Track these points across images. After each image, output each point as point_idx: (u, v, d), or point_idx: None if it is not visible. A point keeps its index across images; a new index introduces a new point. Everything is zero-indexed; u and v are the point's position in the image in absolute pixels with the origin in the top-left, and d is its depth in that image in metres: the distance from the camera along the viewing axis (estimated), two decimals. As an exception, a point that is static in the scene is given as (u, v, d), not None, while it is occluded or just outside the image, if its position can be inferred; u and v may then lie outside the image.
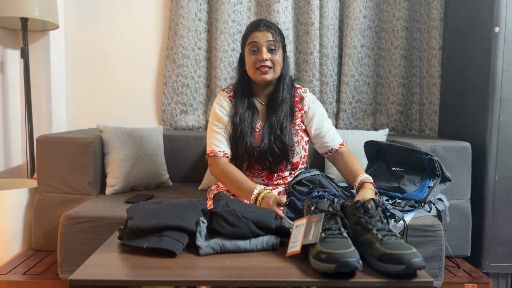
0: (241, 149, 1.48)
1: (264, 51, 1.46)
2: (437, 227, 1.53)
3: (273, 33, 1.48)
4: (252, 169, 1.53)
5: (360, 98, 2.54)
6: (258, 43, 1.47)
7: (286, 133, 1.49)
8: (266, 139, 1.49)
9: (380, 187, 1.70)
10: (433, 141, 1.95)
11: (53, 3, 2.19)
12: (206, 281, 0.87)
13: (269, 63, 1.47)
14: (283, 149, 1.48)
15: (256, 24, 1.50)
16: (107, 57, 2.54)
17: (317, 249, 0.89)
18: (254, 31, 1.49)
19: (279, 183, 1.57)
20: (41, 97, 2.42)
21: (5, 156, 2.36)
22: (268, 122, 1.51)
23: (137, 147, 2.01)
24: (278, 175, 1.55)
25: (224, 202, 1.13)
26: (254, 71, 1.49)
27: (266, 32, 1.47)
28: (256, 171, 1.54)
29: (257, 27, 1.49)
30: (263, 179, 1.56)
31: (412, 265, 0.83)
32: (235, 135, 1.50)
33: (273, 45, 1.47)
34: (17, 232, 1.90)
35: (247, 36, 1.51)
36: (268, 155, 1.48)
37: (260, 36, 1.47)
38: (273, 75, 1.50)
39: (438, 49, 2.42)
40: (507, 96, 1.85)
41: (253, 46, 1.48)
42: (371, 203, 1.01)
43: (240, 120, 1.50)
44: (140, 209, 1.08)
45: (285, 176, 1.57)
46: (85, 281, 0.85)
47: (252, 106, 1.55)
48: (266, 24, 1.49)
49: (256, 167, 1.52)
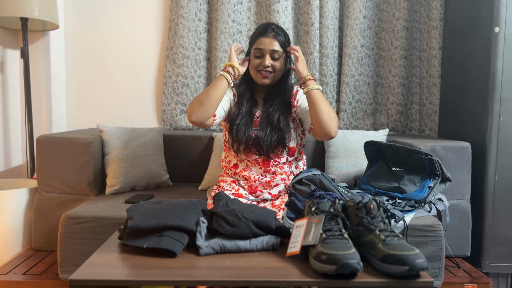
0: (240, 133, 1.56)
1: (267, 58, 1.54)
2: (437, 227, 1.53)
3: (279, 43, 1.54)
4: (249, 152, 1.59)
5: (360, 98, 2.54)
6: (263, 50, 1.54)
7: (283, 121, 1.57)
8: (264, 125, 1.57)
9: (380, 187, 1.70)
10: (433, 141, 1.95)
11: (53, 3, 2.19)
12: (206, 281, 0.87)
13: (271, 69, 1.56)
14: (279, 135, 1.55)
15: (265, 29, 1.56)
16: (107, 57, 2.54)
17: (318, 250, 0.89)
18: (262, 36, 1.55)
19: (276, 171, 1.59)
20: (41, 97, 2.42)
21: (5, 156, 2.36)
22: (265, 111, 1.60)
23: (137, 147, 2.01)
24: (274, 161, 1.60)
25: (224, 202, 1.13)
26: (255, 73, 1.58)
27: (273, 40, 1.54)
28: (253, 155, 1.59)
29: (264, 33, 1.55)
30: (260, 166, 1.60)
31: (416, 266, 0.83)
32: (235, 120, 1.58)
33: (277, 54, 1.55)
34: (17, 232, 1.90)
35: (255, 40, 1.57)
36: (265, 139, 1.55)
37: (266, 43, 1.54)
38: (273, 80, 1.59)
39: (438, 49, 2.42)
40: (507, 96, 1.85)
41: (258, 52, 1.55)
42: (373, 204, 1.01)
43: (241, 107, 1.60)
44: (140, 209, 1.08)
45: (281, 162, 1.61)
46: (85, 281, 0.85)
47: (253, 98, 1.65)
48: (274, 30, 1.55)
49: (253, 150, 1.58)
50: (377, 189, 1.71)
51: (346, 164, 2.04)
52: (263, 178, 1.60)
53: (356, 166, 2.03)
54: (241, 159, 1.63)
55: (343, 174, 2.03)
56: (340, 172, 2.04)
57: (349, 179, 2.01)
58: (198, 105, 1.46)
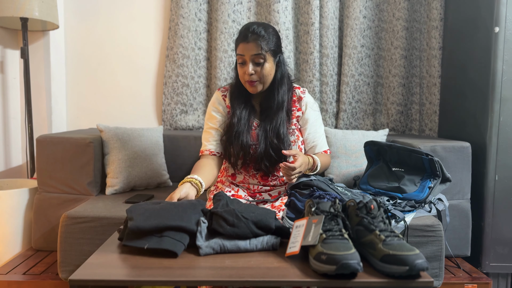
0: (237, 147, 1.48)
1: (250, 65, 1.43)
2: (437, 227, 1.53)
3: (260, 45, 1.41)
4: (247, 167, 1.54)
5: (360, 98, 2.54)
6: (244, 57, 1.44)
7: (283, 138, 1.49)
8: (263, 143, 1.48)
9: (380, 187, 1.70)
10: (433, 141, 1.95)
11: (53, 3, 2.19)
12: (206, 281, 0.87)
13: (255, 77, 1.44)
14: (279, 155, 1.47)
15: (244, 34, 1.43)
16: (107, 57, 2.54)
17: (318, 250, 0.89)
18: (241, 41, 1.44)
19: (275, 184, 1.57)
20: (41, 97, 2.42)
21: (5, 156, 2.36)
22: (263, 127, 1.50)
23: (137, 147, 2.01)
24: (273, 175, 1.56)
25: (224, 202, 1.13)
26: (244, 82, 1.49)
27: (253, 43, 1.41)
28: (251, 171, 1.55)
29: (244, 38, 1.42)
30: (259, 180, 1.56)
31: (416, 267, 0.83)
32: (231, 133, 1.49)
33: (259, 58, 1.42)
34: (17, 232, 1.90)
35: (236, 45, 1.47)
36: (264, 159, 1.48)
37: (246, 49, 1.42)
38: (262, 86, 1.49)
39: (438, 49, 2.42)
40: (507, 96, 1.85)
41: (240, 58, 1.45)
42: (373, 204, 1.01)
43: (237, 120, 1.50)
44: (140, 209, 1.08)
45: (280, 176, 1.57)
46: (85, 281, 0.85)
47: (249, 105, 1.55)
48: (255, 32, 1.41)
49: (251, 166, 1.53)
50: (377, 189, 1.70)
51: (346, 164, 2.04)
52: (262, 188, 1.57)
53: (356, 166, 2.03)
54: (239, 171, 1.58)
55: (343, 174, 2.03)
56: (340, 172, 2.04)
57: (349, 179, 2.01)
58: None
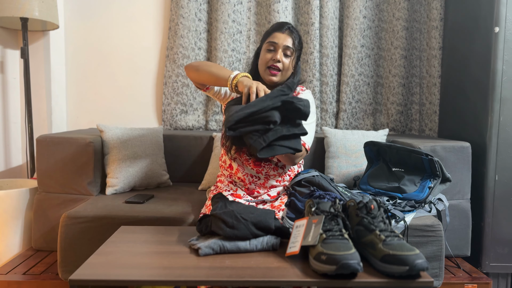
0: None
1: (280, 52, 1.52)
2: (437, 227, 1.53)
3: (294, 40, 1.53)
4: (240, 152, 1.55)
5: (360, 98, 2.54)
6: (276, 44, 1.52)
7: None
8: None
9: (380, 187, 1.70)
10: (433, 141, 1.95)
11: (53, 3, 2.19)
12: (206, 281, 0.87)
13: (280, 65, 1.53)
14: None
15: (281, 25, 1.55)
16: (107, 57, 2.54)
17: (318, 250, 0.89)
18: (277, 31, 1.53)
19: (268, 171, 1.57)
20: (41, 97, 2.42)
21: (5, 156, 2.36)
22: None
23: (137, 147, 2.01)
24: (265, 160, 1.56)
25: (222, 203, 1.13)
26: (264, 69, 1.55)
27: (287, 36, 1.52)
28: (244, 156, 1.55)
29: (280, 28, 1.53)
30: (252, 167, 1.57)
31: (416, 267, 0.84)
32: None
33: (289, 51, 1.53)
34: (17, 232, 1.90)
35: (269, 34, 1.56)
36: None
37: (280, 38, 1.52)
38: (281, 78, 1.55)
39: (438, 49, 2.42)
40: (507, 96, 1.85)
41: (271, 45, 1.53)
42: (373, 204, 1.01)
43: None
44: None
45: (274, 163, 1.57)
46: (85, 281, 0.85)
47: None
48: (290, 28, 1.54)
49: (244, 150, 1.54)
50: (377, 189, 1.71)
51: (346, 164, 2.04)
52: (257, 180, 1.58)
53: (356, 166, 2.03)
54: (233, 158, 1.60)
55: (343, 174, 2.03)
56: (340, 172, 2.04)
57: (349, 179, 2.01)
58: (193, 71, 1.52)
